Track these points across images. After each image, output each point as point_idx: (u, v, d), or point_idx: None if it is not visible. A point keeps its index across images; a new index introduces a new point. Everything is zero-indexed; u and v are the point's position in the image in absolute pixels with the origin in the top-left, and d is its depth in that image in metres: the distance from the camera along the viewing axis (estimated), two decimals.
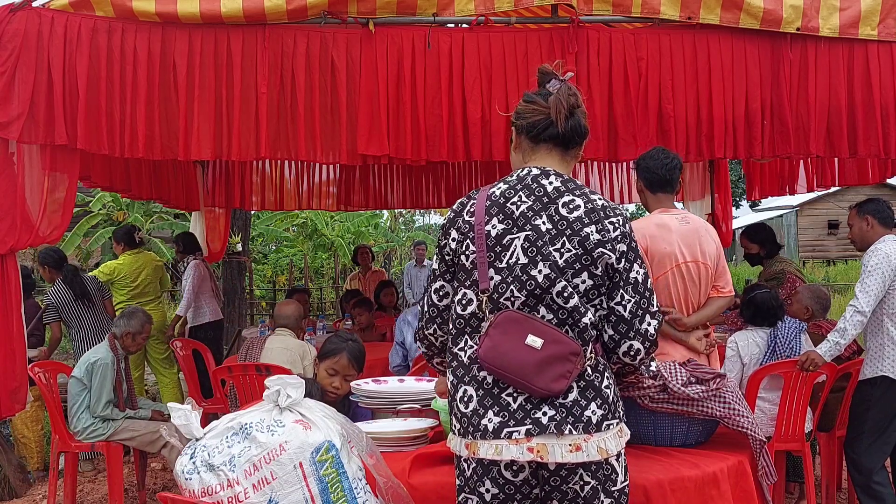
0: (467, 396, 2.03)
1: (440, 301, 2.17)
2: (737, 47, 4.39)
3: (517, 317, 2.00)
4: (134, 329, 4.91)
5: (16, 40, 4.02)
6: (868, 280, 3.97)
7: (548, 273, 2.01)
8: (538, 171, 2.13)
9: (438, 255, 2.18)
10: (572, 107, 2.13)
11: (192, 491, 2.16)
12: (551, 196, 2.09)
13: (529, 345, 1.96)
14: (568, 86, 2.15)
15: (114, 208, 14.36)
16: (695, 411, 2.77)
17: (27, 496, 5.34)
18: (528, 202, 2.08)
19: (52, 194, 4.27)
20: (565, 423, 1.97)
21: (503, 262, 2.04)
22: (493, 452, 1.97)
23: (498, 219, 2.07)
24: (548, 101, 2.13)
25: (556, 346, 1.97)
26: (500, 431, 1.98)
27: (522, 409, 1.99)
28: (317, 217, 17.21)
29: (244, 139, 4.21)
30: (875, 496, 4.00)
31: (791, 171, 7.10)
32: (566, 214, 2.06)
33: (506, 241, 2.05)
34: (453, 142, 4.34)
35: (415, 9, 4.21)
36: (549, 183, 2.11)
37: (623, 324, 2.08)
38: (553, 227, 2.05)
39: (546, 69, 2.19)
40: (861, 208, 4.25)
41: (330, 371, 3.23)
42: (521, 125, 2.18)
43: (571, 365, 1.98)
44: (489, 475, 2.01)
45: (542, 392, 1.97)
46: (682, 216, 3.20)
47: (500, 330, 1.99)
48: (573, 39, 4.33)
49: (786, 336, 4.26)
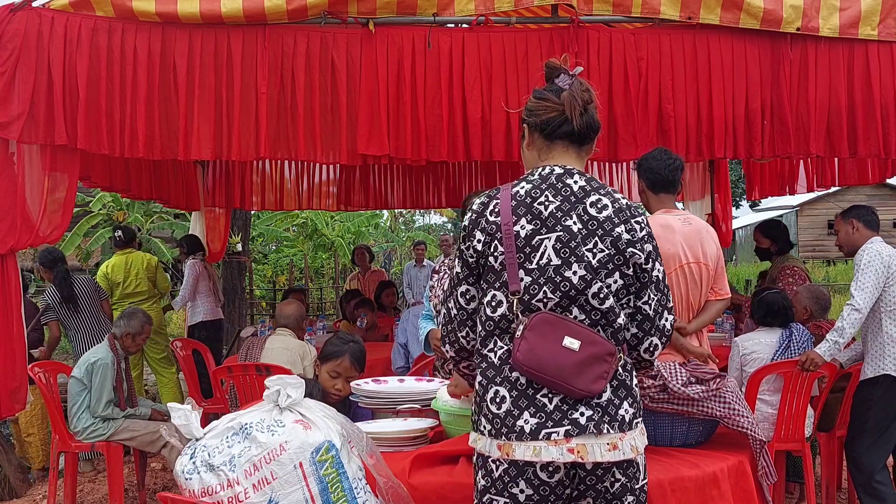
0: (499, 397, 2.00)
1: (468, 304, 2.13)
2: (737, 47, 4.39)
3: (552, 319, 1.98)
4: (134, 330, 4.91)
5: (16, 40, 4.02)
6: (862, 278, 3.99)
7: (583, 274, 2.00)
8: (561, 171, 2.10)
9: (460, 259, 2.13)
10: (586, 102, 2.10)
11: (192, 491, 2.16)
12: (578, 196, 2.06)
13: (567, 346, 1.95)
14: (580, 81, 2.11)
15: (114, 208, 14.35)
16: (695, 411, 2.77)
17: (27, 496, 5.35)
18: (555, 202, 2.04)
19: (52, 194, 4.27)
20: (602, 422, 1.97)
21: (533, 262, 2.01)
22: (531, 454, 1.95)
23: (526, 219, 2.03)
24: (560, 98, 2.09)
25: (594, 348, 1.96)
26: (538, 433, 1.95)
27: (559, 409, 1.97)
28: (317, 217, 17.21)
29: (244, 139, 4.22)
30: (876, 495, 4.00)
31: (791, 171, 7.11)
32: (595, 214, 2.04)
33: (535, 242, 2.02)
34: (453, 142, 4.34)
35: (415, 9, 4.21)
36: (574, 182, 2.08)
37: (647, 321, 2.10)
38: (584, 228, 2.03)
39: (554, 64, 2.14)
40: (846, 214, 4.32)
41: (332, 373, 3.24)
42: (534, 122, 2.14)
43: (608, 365, 1.98)
44: (524, 476, 1.98)
45: (582, 393, 1.95)
46: (685, 217, 3.20)
47: (535, 332, 1.96)
48: (573, 39, 4.33)
49: (800, 337, 4.25)
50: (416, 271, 10.84)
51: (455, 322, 2.16)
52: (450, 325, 2.18)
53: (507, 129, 4.34)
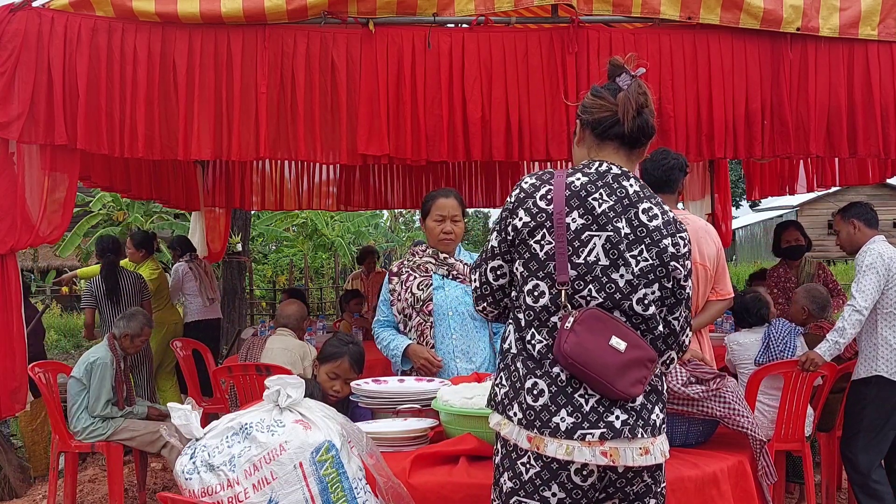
0: (538, 390, 1.97)
1: (496, 280, 2.11)
2: (737, 47, 4.39)
3: (602, 316, 1.95)
4: (133, 331, 4.91)
5: (16, 40, 4.02)
6: (863, 279, 3.99)
7: (630, 279, 1.98)
8: (619, 171, 2.06)
9: (500, 233, 2.08)
10: (641, 106, 2.06)
11: (192, 491, 2.16)
12: (632, 199, 2.03)
13: (614, 346, 1.92)
14: (639, 83, 2.08)
15: (114, 208, 14.36)
16: (695, 411, 2.77)
17: (27, 496, 5.35)
18: (609, 201, 2.01)
19: (52, 194, 4.26)
20: (637, 426, 1.96)
21: (580, 258, 1.98)
22: (564, 452, 1.92)
23: (578, 212, 1.99)
24: (616, 98, 2.06)
25: (637, 351, 1.95)
26: (574, 432, 1.93)
27: (595, 411, 1.94)
28: (317, 217, 17.22)
29: (244, 139, 4.21)
30: (874, 495, 4.00)
31: (791, 171, 7.11)
32: (646, 222, 2.02)
33: (584, 237, 1.98)
34: (453, 142, 4.34)
35: (415, 9, 4.21)
36: (629, 185, 2.05)
37: (673, 336, 2.10)
38: (632, 233, 2.00)
39: (617, 62, 2.11)
40: (846, 213, 4.30)
41: (331, 375, 3.24)
42: (587, 120, 2.11)
43: (648, 371, 1.97)
44: (557, 480, 1.95)
45: (621, 395, 1.94)
46: (683, 216, 3.20)
47: (585, 327, 1.93)
48: (573, 39, 4.33)
49: (779, 334, 4.28)
50: None
51: (475, 294, 2.17)
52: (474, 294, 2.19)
53: (506, 129, 4.34)
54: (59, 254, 14.45)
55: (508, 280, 2.10)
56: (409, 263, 3.58)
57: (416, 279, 3.51)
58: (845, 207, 4.34)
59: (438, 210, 3.46)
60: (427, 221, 3.50)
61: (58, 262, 18.46)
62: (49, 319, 15.03)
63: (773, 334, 4.30)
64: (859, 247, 4.16)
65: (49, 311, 15.36)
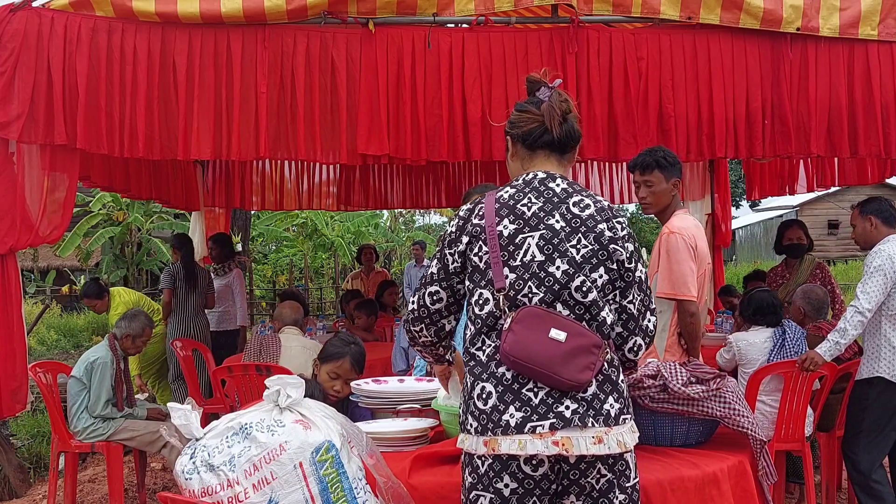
0: (486, 393, 2.04)
1: (432, 304, 2.21)
2: (737, 47, 4.40)
3: (538, 312, 2.03)
4: (134, 332, 4.91)
5: (16, 40, 4.02)
6: (870, 281, 3.95)
7: (566, 269, 2.06)
8: (544, 175, 2.17)
9: (439, 261, 2.19)
10: (565, 112, 2.18)
11: (192, 491, 2.16)
12: (560, 196, 2.13)
13: (553, 338, 1.99)
14: (558, 92, 2.20)
15: (114, 208, 14.35)
16: (695, 411, 2.77)
17: (27, 496, 5.34)
18: (538, 203, 2.12)
19: (52, 194, 4.26)
20: (587, 415, 2.00)
21: (517, 260, 2.07)
22: (517, 448, 1.98)
23: (509, 220, 2.10)
24: (540, 109, 2.17)
25: (580, 339, 2.01)
26: (524, 426, 1.98)
27: (544, 403, 2.00)
28: (317, 217, 17.20)
29: (244, 139, 4.22)
30: (874, 495, 4.00)
31: (791, 171, 7.11)
32: (578, 213, 2.12)
33: (518, 241, 2.08)
34: (453, 142, 4.34)
35: (415, 9, 4.21)
36: (556, 185, 2.16)
37: (632, 321, 2.16)
38: (567, 225, 2.10)
39: (534, 78, 2.23)
40: (864, 208, 4.20)
41: (332, 374, 3.24)
42: (517, 134, 2.23)
43: (595, 357, 2.02)
44: (507, 470, 2.01)
45: (569, 383, 1.99)
46: (683, 216, 3.22)
47: (522, 325, 2.01)
48: (573, 39, 4.33)
49: (794, 336, 4.26)
50: (417, 271, 10.84)
51: (412, 316, 2.25)
52: (407, 317, 2.28)
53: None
54: (59, 254, 14.44)
55: (444, 304, 2.20)
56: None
57: None
58: (865, 202, 4.23)
59: None
60: None
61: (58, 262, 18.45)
62: (49, 319, 15.02)
63: (789, 335, 4.27)
64: (874, 244, 4.10)
65: (49, 311, 15.34)
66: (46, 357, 11.04)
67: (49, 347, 13.12)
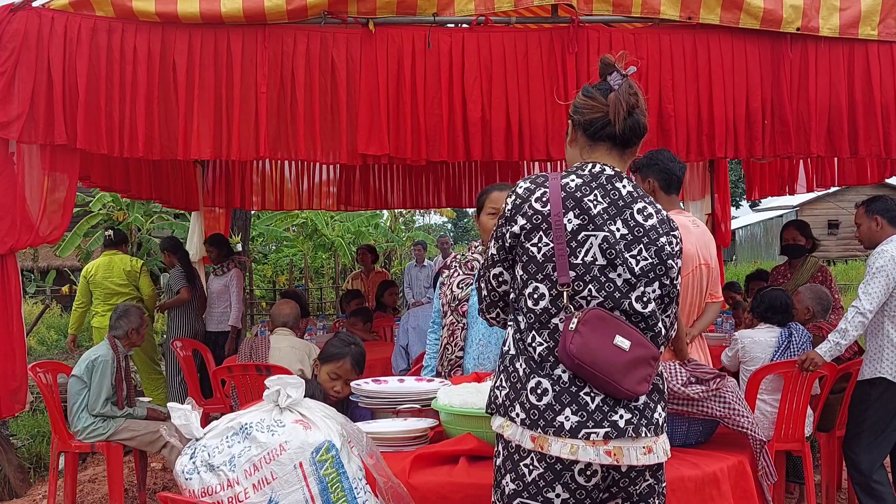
0: (541, 389, 1.95)
1: (499, 287, 2.12)
2: (737, 47, 4.40)
3: (605, 316, 1.95)
4: (135, 325, 4.95)
5: (16, 40, 4.02)
6: (872, 282, 3.95)
7: (628, 278, 1.99)
8: (612, 172, 2.06)
9: (497, 241, 2.09)
10: (631, 107, 2.05)
11: (192, 491, 2.16)
12: (626, 200, 2.04)
13: (618, 345, 1.92)
14: (629, 82, 2.06)
15: (114, 208, 14.32)
16: (695, 411, 2.77)
17: (27, 496, 5.34)
18: (603, 203, 2.01)
19: (52, 194, 4.27)
20: (640, 425, 1.95)
21: (578, 258, 1.98)
22: (568, 451, 1.91)
23: (574, 213, 1.99)
24: (607, 99, 2.05)
25: (641, 350, 1.95)
26: (578, 431, 1.91)
27: (600, 410, 1.93)
28: (317, 217, 17.18)
29: (244, 139, 4.22)
30: (875, 495, 4.00)
31: (791, 171, 7.11)
32: (642, 221, 2.03)
33: (581, 238, 1.99)
34: (453, 142, 4.34)
35: (415, 9, 4.21)
36: (622, 186, 2.05)
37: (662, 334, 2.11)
38: (630, 233, 2.01)
39: (608, 60, 2.09)
40: (870, 207, 4.19)
41: (332, 375, 3.24)
42: (579, 121, 2.11)
43: (652, 369, 1.97)
44: (560, 480, 1.94)
45: (628, 394, 1.93)
46: (692, 218, 3.22)
47: (589, 327, 1.92)
48: (573, 39, 4.33)
49: (800, 338, 4.26)
50: (417, 271, 10.84)
51: (486, 303, 2.19)
52: (481, 305, 2.21)
53: (506, 129, 4.34)
54: (59, 254, 14.41)
55: (510, 286, 2.11)
56: (460, 258, 3.46)
57: (459, 276, 3.38)
58: (870, 200, 4.23)
59: (492, 203, 3.18)
60: (481, 216, 3.25)
61: (58, 262, 18.43)
62: (49, 319, 15.01)
63: (795, 337, 4.26)
64: (877, 243, 4.09)
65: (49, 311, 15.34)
66: (46, 357, 11.04)
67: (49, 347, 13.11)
